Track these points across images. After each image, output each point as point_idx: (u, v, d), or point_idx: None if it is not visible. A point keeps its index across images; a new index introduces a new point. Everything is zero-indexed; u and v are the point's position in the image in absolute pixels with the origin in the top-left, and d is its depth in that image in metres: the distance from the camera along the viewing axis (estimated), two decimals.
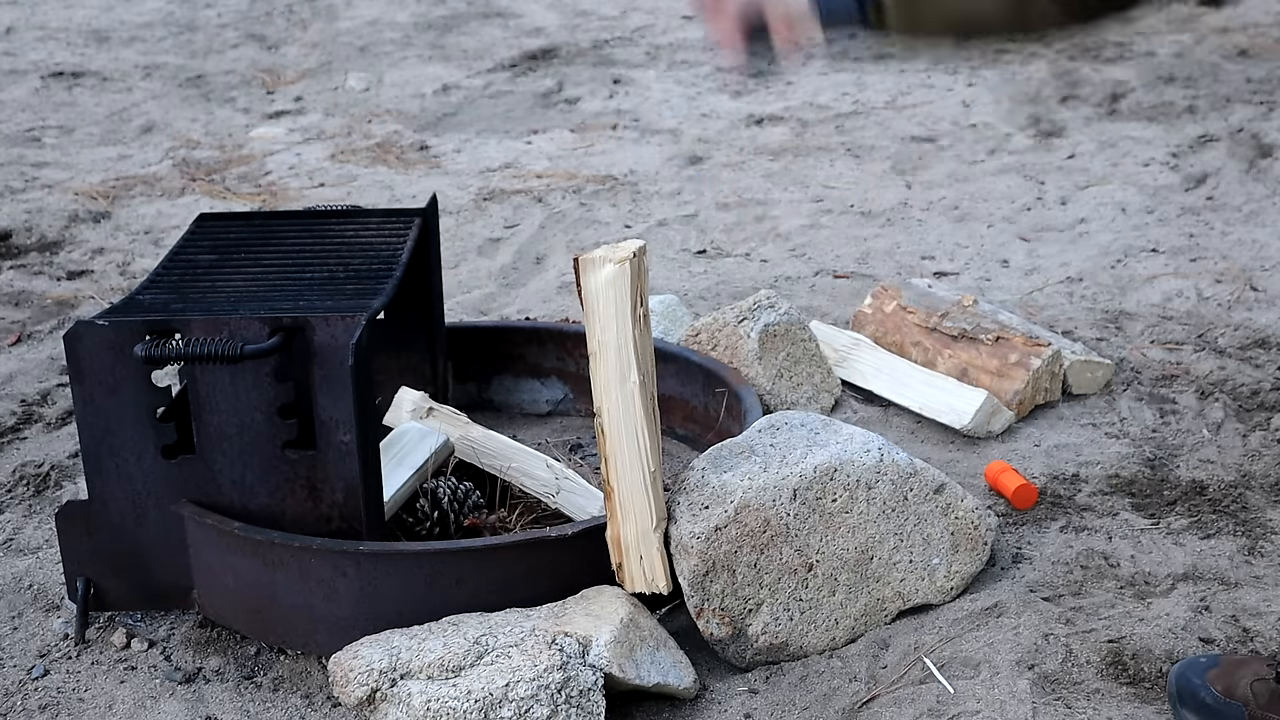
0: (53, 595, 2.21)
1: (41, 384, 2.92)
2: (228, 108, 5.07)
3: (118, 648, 2.08)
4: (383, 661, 1.82)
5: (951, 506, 2.08)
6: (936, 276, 3.30)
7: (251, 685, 2.00)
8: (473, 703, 1.77)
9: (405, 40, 5.95)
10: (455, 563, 1.97)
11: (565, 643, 1.83)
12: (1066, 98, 4.72)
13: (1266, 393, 2.69)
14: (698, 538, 1.94)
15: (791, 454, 2.02)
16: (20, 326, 3.22)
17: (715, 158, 4.33)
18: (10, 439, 2.70)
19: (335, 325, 1.94)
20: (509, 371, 2.73)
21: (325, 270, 2.18)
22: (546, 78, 5.33)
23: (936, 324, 2.79)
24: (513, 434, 2.56)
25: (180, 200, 4.06)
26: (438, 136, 4.67)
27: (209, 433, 2.01)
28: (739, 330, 2.62)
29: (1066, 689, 1.88)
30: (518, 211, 3.91)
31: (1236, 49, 5.04)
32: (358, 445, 1.96)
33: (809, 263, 3.46)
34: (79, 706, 1.97)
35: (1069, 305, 3.15)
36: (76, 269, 3.57)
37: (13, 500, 2.49)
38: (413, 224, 2.34)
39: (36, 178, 4.28)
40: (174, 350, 1.92)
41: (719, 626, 1.96)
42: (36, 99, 5.22)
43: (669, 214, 3.84)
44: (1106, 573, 2.15)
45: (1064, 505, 2.36)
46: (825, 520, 1.99)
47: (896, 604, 2.04)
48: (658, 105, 4.92)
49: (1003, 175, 4.03)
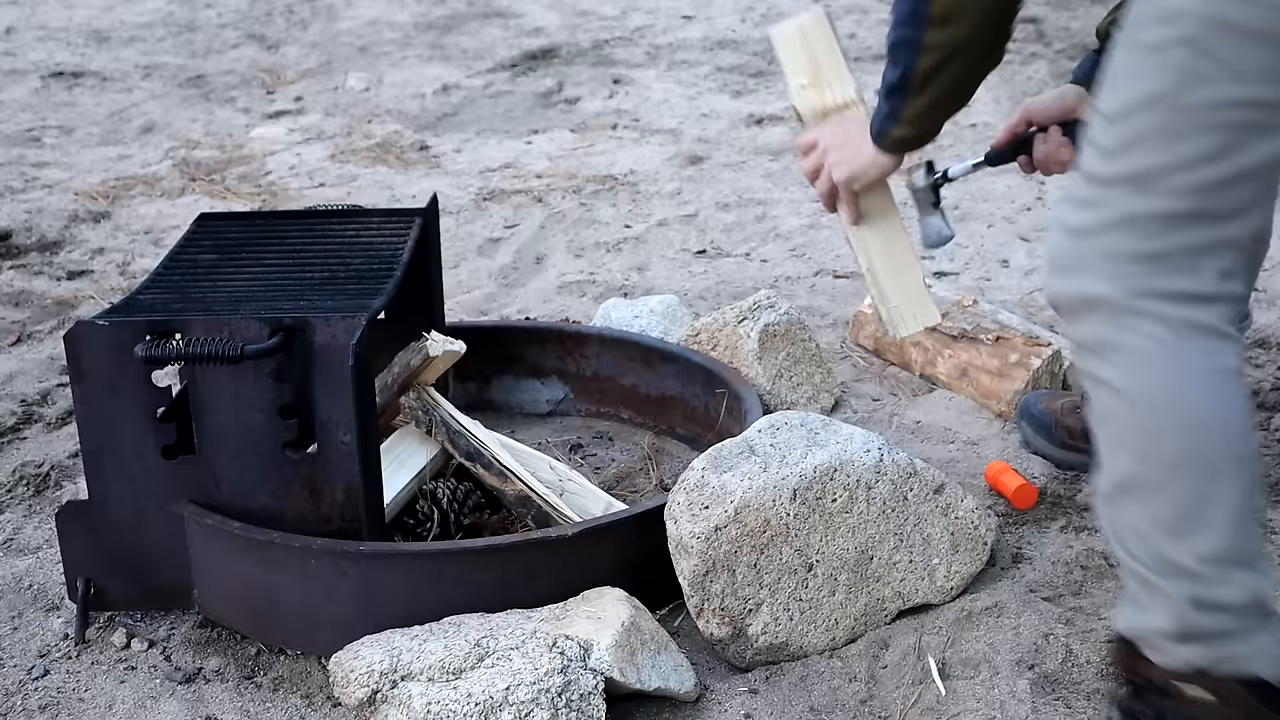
0: (53, 595, 2.21)
1: (41, 384, 2.92)
2: (228, 108, 5.07)
3: (118, 648, 2.08)
4: (383, 663, 1.82)
5: (951, 506, 2.08)
6: (936, 276, 3.30)
7: (251, 685, 2.00)
8: (473, 705, 1.77)
9: (405, 40, 5.95)
10: (455, 563, 1.97)
11: (566, 646, 1.83)
12: None
13: (1266, 393, 2.69)
14: (698, 538, 1.94)
15: (791, 454, 2.02)
16: (20, 326, 3.22)
17: (715, 158, 4.33)
18: (10, 439, 2.70)
19: (335, 325, 1.94)
20: (509, 371, 2.73)
21: (326, 270, 2.18)
22: (546, 78, 5.33)
23: (936, 324, 2.78)
24: (512, 433, 2.56)
25: (180, 200, 4.06)
26: (438, 136, 4.67)
27: (209, 433, 2.01)
28: (739, 330, 2.63)
29: (1066, 689, 1.88)
30: (518, 211, 3.91)
31: None
32: (358, 445, 1.96)
33: (809, 263, 3.46)
34: (79, 706, 1.97)
35: None
36: (76, 269, 3.57)
37: (13, 500, 2.49)
38: (413, 224, 2.34)
39: (36, 178, 4.28)
40: (174, 350, 1.92)
41: (719, 626, 1.96)
42: (36, 99, 5.22)
43: (669, 214, 3.84)
44: (1106, 573, 2.15)
45: (1064, 505, 2.36)
46: (825, 520, 1.99)
47: (896, 604, 2.04)
48: (658, 105, 4.92)
49: (1003, 175, 4.03)
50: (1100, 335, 1.60)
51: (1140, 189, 1.54)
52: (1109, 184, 1.57)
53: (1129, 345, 1.58)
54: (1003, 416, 2.65)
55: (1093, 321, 1.61)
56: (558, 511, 2.17)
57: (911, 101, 1.94)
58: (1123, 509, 1.64)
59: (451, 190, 4.08)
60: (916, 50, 1.86)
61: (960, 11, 1.81)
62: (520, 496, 2.22)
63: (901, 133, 2.01)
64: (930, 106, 1.95)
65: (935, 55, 1.86)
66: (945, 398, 2.73)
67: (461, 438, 2.30)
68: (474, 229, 3.79)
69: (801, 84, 2.17)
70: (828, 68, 2.16)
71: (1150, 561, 1.62)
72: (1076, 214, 1.61)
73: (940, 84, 1.90)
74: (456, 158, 4.44)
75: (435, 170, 4.32)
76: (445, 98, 5.12)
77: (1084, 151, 1.62)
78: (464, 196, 4.04)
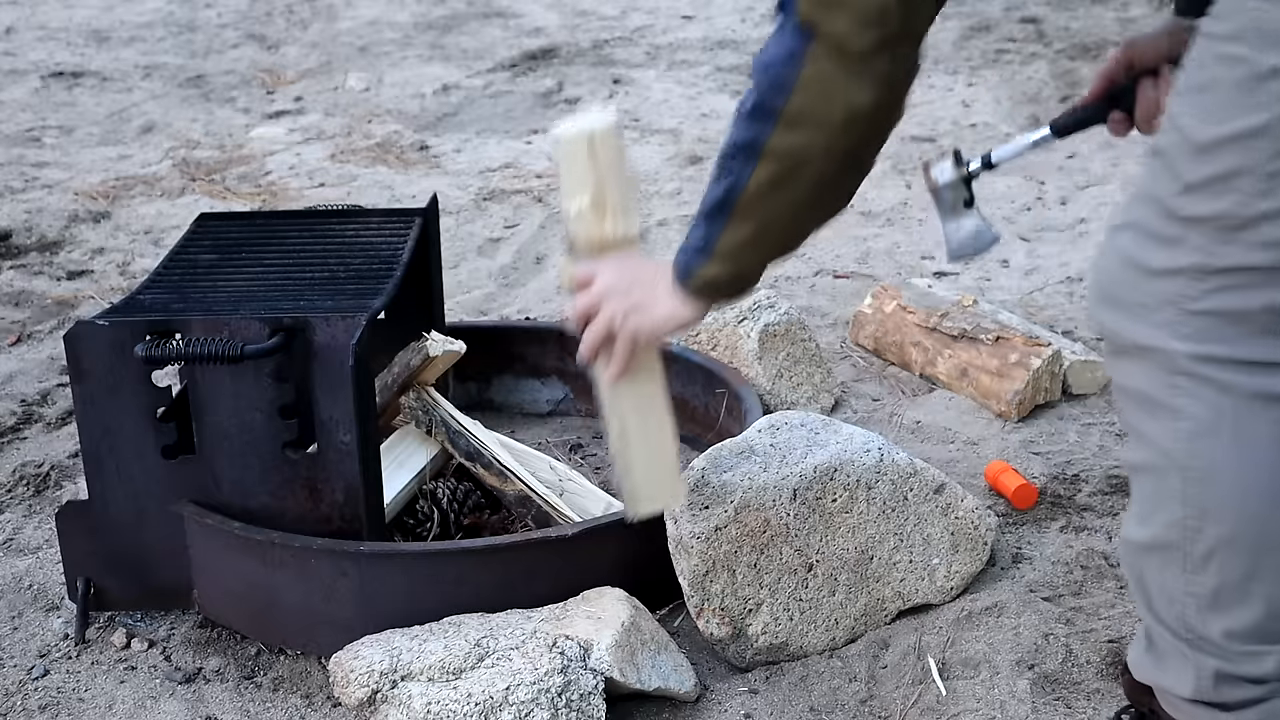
0: (53, 595, 2.21)
1: (41, 384, 2.92)
2: (228, 108, 5.07)
3: (118, 648, 2.08)
4: (383, 663, 1.82)
5: (951, 506, 2.08)
6: (936, 276, 3.30)
7: (251, 685, 2.00)
8: (473, 705, 1.76)
9: (405, 40, 5.95)
10: (455, 563, 1.97)
11: (566, 646, 1.83)
12: (1066, 97, 4.72)
13: None
14: (698, 538, 1.94)
15: (791, 454, 2.02)
16: (20, 326, 3.22)
17: (715, 158, 4.32)
18: (10, 439, 2.70)
19: (335, 325, 1.94)
20: (509, 371, 2.73)
21: (326, 270, 2.18)
22: (546, 78, 5.33)
23: (936, 324, 2.79)
24: (512, 433, 2.56)
25: (180, 200, 4.06)
26: (438, 136, 4.67)
27: (209, 433, 2.01)
28: (739, 330, 2.63)
29: (1066, 689, 1.88)
30: (518, 211, 3.91)
31: None
32: (358, 445, 1.96)
33: (809, 263, 3.46)
34: (79, 706, 1.97)
35: (1069, 305, 3.15)
36: (76, 269, 3.57)
37: (13, 500, 2.49)
38: (413, 224, 2.34)
39: (36, 178, 4.28)
40: (174, 350, 1.92)
41: (719, 626, 1.96)
42: (36, 99, 5.22)
43: (669, 214, 3.84)
44: (1106, 573, 2.15)
45: (1064, 505, 2.36)
46: (825, 520, 1.99)
47: (896, 604, 2.04)
48: (658, 105, 4.92)
49: (1003, 175, 4.03)
50: (1150, 391, 1.44)
51: (1226, 236, 1.35)
52: (1190, 224, 1.37)
53: (1185, 411, 1.42)
54: (1003, 416, 2.65)
55: (1144, 372, 1.44)
56: (558, 511, 2.17)
57: (732, 228, 1.58)
58: (1152, 568, 1.52)
59: (451, 190, 4.08)
60: (755, 156, 1.52)
61: (824, 112, 1.47)
62: (520, 496, 2.22)
63: (713, 271, 1.63)
64: (755, 238, 1.59)
65: (776, 166, 1.52)
66: (945, 398, 2.73)
67: (461, 438, 2.30)
68: (474, 229, 3.79)
69: (581, 205, 1.79)
70: (613, 190, 1.80)
71: (1176, 627, 1.52)
72: (1145, 247, 1.42)
73: (774, 207, 1.55)
74: (456, 158, 4.44)
75: (435, 170, 4.32)
76: (445, 98, 5.12)
77: (1159, 175, 1.41)
78: (464, 196, 4.04)
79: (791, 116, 1.48)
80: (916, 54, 1.51)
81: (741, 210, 1.57)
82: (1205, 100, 1.35)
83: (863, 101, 1.46)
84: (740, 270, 1.64)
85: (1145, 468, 1.50)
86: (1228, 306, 1.38)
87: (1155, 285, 1.41)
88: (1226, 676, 1.51)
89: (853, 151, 1.53)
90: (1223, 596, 1.47)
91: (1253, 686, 1.51)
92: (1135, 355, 1.45)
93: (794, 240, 1.64)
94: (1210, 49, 1.37)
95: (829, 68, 1.45)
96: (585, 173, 1.79)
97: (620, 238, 1.81)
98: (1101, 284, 1.48)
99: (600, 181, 1.79)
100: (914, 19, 1.46)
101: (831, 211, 1.62)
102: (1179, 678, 1.55)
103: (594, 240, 1.81)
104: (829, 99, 1.46)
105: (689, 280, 1.67)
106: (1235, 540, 1.45)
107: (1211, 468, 1.43)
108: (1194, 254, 1.38)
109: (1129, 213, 1.47)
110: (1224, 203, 1.35)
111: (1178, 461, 1.44)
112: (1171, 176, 1.38)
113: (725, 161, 1.57)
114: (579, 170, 1.79)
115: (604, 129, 1.79)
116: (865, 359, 2.93)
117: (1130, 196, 1.49)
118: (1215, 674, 1.51)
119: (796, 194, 1.54)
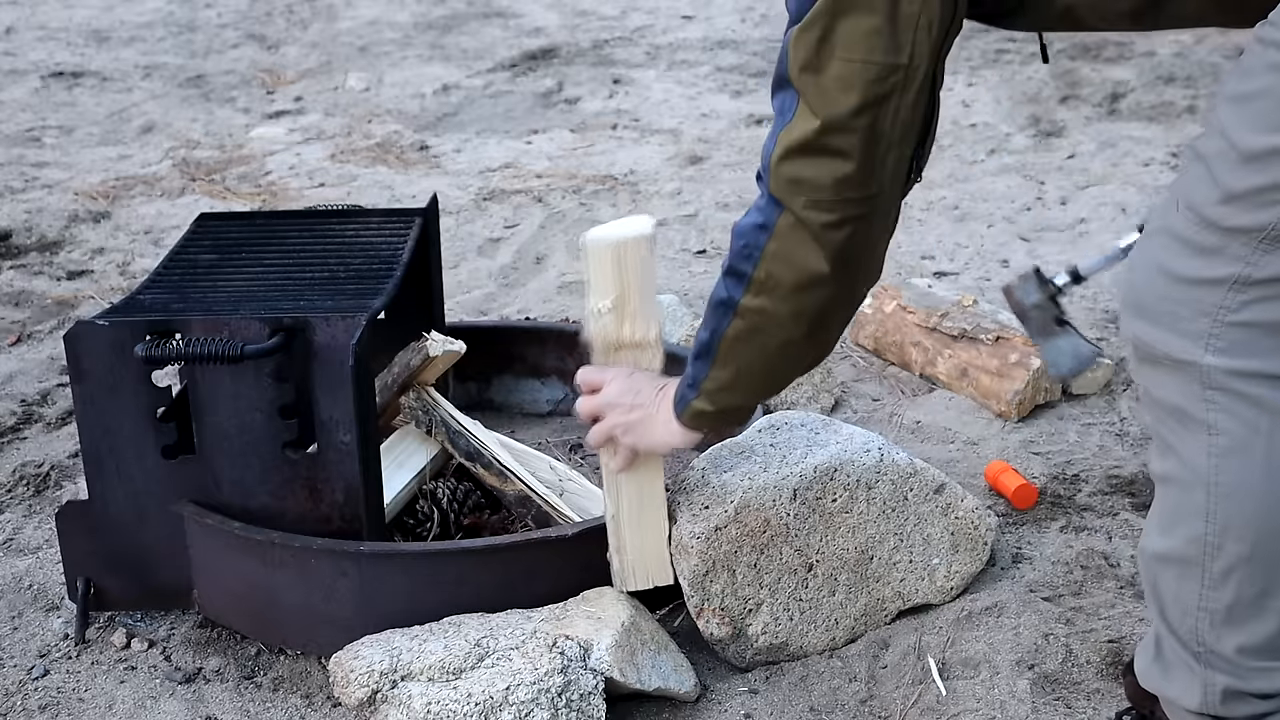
0: (53, 595, 2.21)
1: (41, 384, 2.92)
2: (228, 108, 5.07)
3: (118, 648, 2.08)
4: (383, 663, 1.82)
5: (951, 506, 2.08)
6: (936, 276, 3.30)
7: (251, 685, 2.00)
8: (473, 705, 1.76)
9: (405, 40, 5.95)
10: (455, 563, 1.97)
11: (566, 646, 1.83)
12: (1066, 98, 4.72)
13: None
14: (698, 538, 1.94)
15: (791, 454, 2.02)
16: (20, 326, 3.22)
17: (715, 158, 4.33)
18: (10, 439, 2.70)
19: (335, 325, 1.94)
20: (509, 371, 2.73)
21: (326, 270, 2.18)
22: (546, 78, 5.33)
23: (936, 324, 2.79)
24: (512, 433, 2.56)
25: (180, 200, 4.06)
26: (438, 136, 4.67)
27: (209, 433, 2.01)
28: None
29: (1066, 689, 1.88)
30: (518, 211, 3.91)
31: (1237, 49, 5.04)
32: (358, 445, 1.96)
33: None
34: (79, 706, 1.97)
35: (1069, 305, 3.14)
36: (76, 269, 3.57)
37: (13, 500, 2.49)
38: (413, 224, 2.34)
39: (36, 178, 4.28)
40: (174, 350, 1.92)
41: (719, 626, 1.96)
42: (36, 99, 5.22)
43: (669, 214, 3.84)
44: (1106, 573, 2.15)
45: (1064, 505, 2.36)
46: (825, 520, 1.99)
47: (896, 604, 2.04)
48: (658, 105, 4.92)
49: (1003, 175, 4.04)
50: (1182, 405, 1.42)
51: (1270, 246, 1.33)
52: (1231, 234, 1.35)
53: (1219, 426, 1.41)
54: (1003, 416, 2.65)
55: (1176, 384, 1.42)
56: (558, 511, 2.17)
57: (714, 372, 1.71)
58: (1168, 578, 1.51)
59: (451, 190, 4.08)
60: (730, 311, 1.65)
61: (778, 286, 1.60)
62: (520, 496, 2.22)
63: (700, 406, 1.75)
64: (733, 382, 1.71)
65: (745, 324, 1.65)
66: (945, 398, 2.73)
67: (461, 438, 2.30)
68: (474, 229, 3.79)
69: (602, 307, 1.86)
70: (636, 296, 1.85)
71: (1188, 639, 1.52)
72: (1181, 256, 1.39)
73: (749, 357, 1.68)
74: (456, 158, 4.44)
75: (435, 170, 4.32)
76: (445, 98, 5.12)
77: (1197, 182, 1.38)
78: (464, 196, 4.04)
79: (759, 283, 1.61)
80: (890, 213, 1.60)
81: (722, 356, 1.70)
82: (1255, 109, 1.33)
83: (820, 270, 1.58)
84: (723, 408, 1.76)
85: (1171, 479, 1.49)
86: (1268, 318, 1.37)
87: (1189, 294, 1.39)
88: (1235, 692, 1.51)
89: (816, 313, 1.63)
90: (1238, 612, 1.47)
91: (1260, 702, 1.51)
92: (1168, 367, 1.43)
93: (773, 386, 1.78)
94: (1264, 56, 1.34)
95: (793, 240, 1.57)
96: (610, 279, 1.85)
97: (637, 341, 1.89)
98: (1131, 292, 1.47)
99: (624, 289, 1.85)
100: (880, 173, 1.53)
101: (806, 364, 1.74)
102: (1186, 689, 1.55)
103: (610, 341, 1.89)
104: (792, 268, 1.59)
105: (683, 412, 1.78)
106: (1255, 557, 1.45)
107: (1239, 485, 1.43)
108: (1234, 264, 1.36)
109: (1162, 219, 1.44)
110: (1270, 214, 1.33)
111: (1206, 478, 1.44)
112: (1211, 184, 1.36)
113: (711, 309, 1.69)
114: (604, 275, 1.85)
115: (635, 239, 1.84)
116: (865, 359, 2.93)
117: (1163, 202, 1.46)
118: (1224, 690, 1.51)
119: (767, 348, 1.67)
